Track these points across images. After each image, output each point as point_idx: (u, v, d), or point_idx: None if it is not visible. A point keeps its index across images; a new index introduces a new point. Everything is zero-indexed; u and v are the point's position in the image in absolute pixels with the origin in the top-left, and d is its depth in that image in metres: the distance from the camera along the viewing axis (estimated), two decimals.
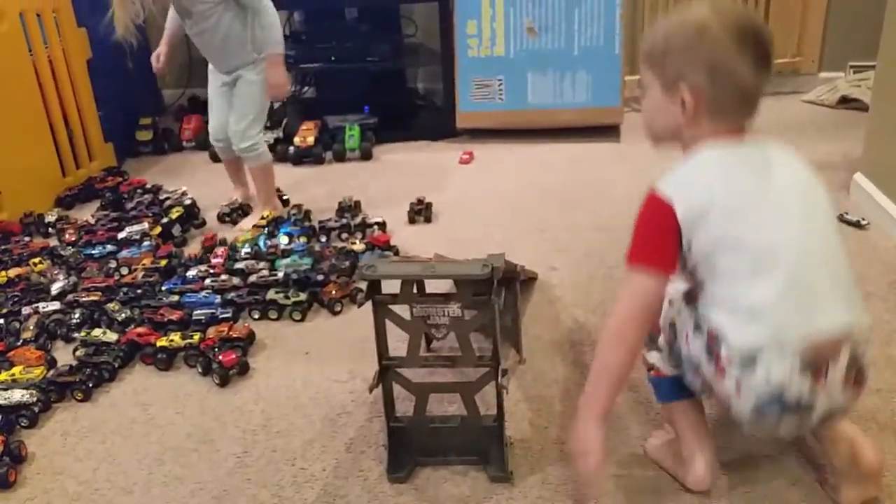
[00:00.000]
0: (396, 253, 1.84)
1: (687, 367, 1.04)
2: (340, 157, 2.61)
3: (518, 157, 2.52)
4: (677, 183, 1.00)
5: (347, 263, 1.76)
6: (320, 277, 1.70)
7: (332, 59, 2.74)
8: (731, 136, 1.00)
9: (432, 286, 1.20)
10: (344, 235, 1.97)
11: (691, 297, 1.02)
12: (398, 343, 1.15)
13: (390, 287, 1.11)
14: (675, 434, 1.13)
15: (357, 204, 2.14)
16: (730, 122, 1.01)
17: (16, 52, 2.17)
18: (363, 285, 1.67)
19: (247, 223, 2.09)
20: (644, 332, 1.02)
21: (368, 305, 1.11)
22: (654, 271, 0.98)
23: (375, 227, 1.98)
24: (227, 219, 2.14)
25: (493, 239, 1.91)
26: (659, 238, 0.99)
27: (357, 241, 1.89)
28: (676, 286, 1.05)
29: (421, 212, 2.07)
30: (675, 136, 1.05)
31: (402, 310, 1.11)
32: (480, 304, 1.08)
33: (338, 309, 1.63)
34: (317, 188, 2.35)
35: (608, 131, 2.61)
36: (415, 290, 1.12)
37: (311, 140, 2.60)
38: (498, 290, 1.07)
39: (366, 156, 2.61)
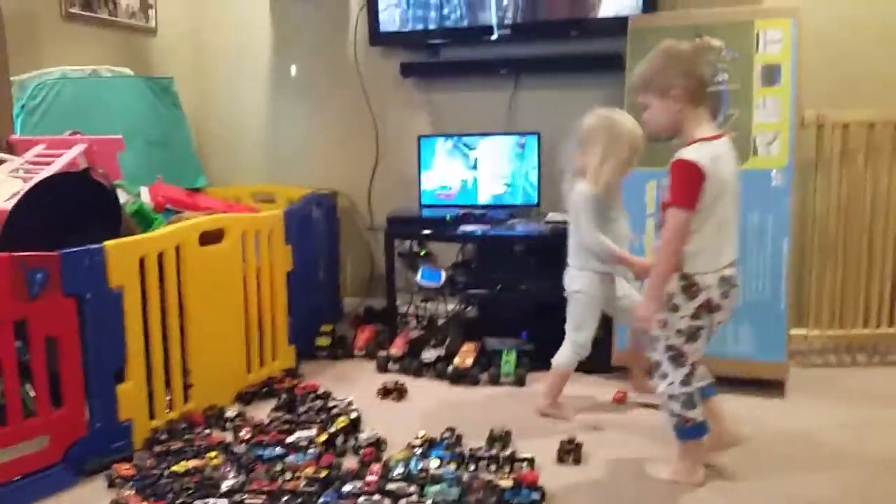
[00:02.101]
0: (544, 495, 1.84)
1: (692, 333, 1.84)
2: (495, 381, 2.70)
3: None
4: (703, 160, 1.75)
5: (494, 500, 1.78)
6: None
7: (498, 287, 2.94)
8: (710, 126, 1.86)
9: None
10: (492, 467, 2.01)
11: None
12: None
13: None
14: (689, 456, 1.92)
15: (507, 434, 2.19)
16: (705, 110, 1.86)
17: (231, 263, 2.53)
18: None
19: None
20: None
21: None
22: (691, 209, 1.76)
23: (525, 462, 2.00)
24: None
25: (644, 493, 1.87)
26: (696, 191, 1.75)
27: (505, 476, 1.92)
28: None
29: (570, 451, 2.08)
30: (675, 129, 1.85)
31: None
32: None
33: None
34: (470, 410, 2.44)
35: (772, 386, 2.53)
36: None
37: (469, 362, 2.73)
38: None
39: (520, 382, 2.69)
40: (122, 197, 2.54)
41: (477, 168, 3.21)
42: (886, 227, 2.77)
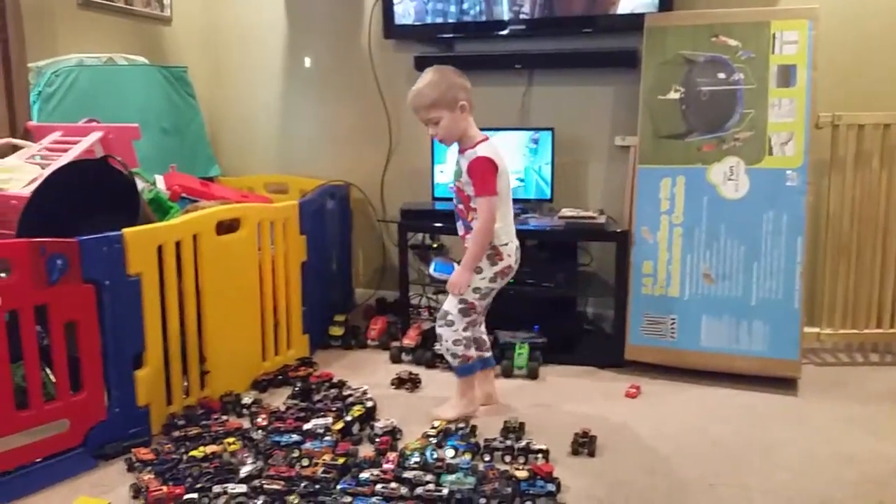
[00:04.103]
0: (559, 486, 1.85)
1: (486, 292, 2.29)
2: (508, 374, 2.72)
3: (687, 398, 2.50)
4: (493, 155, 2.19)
5: (509, 490, 1.79)
6: (482, 501, 1.74)
7: (511, 281, 2.94)
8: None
9: None
10: (507, 458, 2.03)
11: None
12: None
13: None
14: (468, 391, 2.33)
15: (521, 426, 2.21)
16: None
17: (247, 252, 2.54)
18: None
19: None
20: None
21: None
22: (495, 195, 2.18)
23: (539, 454, 2.02)
24: None
25: (657, 487, 1.89)
26: (495, 179, 2.18)
27: (520, 467, 1.93)
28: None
29: (585, 444, 2.09)
30: (461, 135, 2.23)
31: None
32: None
33: None
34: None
35: (785, 384, 2.55)
36: None
37: None
38: None
39: (532, 375, 2.70)
40: (139, 185, 2.55)
41: None
42: None
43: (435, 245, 3.30)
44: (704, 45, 2.72)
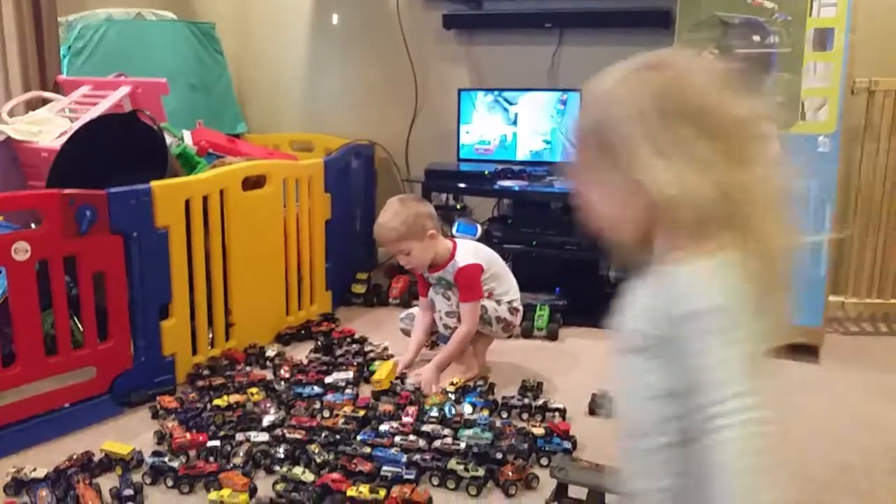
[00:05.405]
0: (575, 444, 1.87)
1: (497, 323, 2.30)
2: (527, 335, 2.73)
3: None
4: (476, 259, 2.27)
5: (525, 446, 1.82)
6: (499, 455, 1.77)
7: (533, 243, 2.94)
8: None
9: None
10: (525, 416, 2.05)
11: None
12: None
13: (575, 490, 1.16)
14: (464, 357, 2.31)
15: (539, 385, 2.23)
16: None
17: (273, 208, 2.56)
18: (539, 471, 1.74)
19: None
20: None
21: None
22: (481, 298, 2.25)
23: (556, 413, 2.04)
24: None
25: None
26: (481, 283, 2.25)
27: (537, 425, 1.95)
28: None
29: (603, 405, 2.11)
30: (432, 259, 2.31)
31: None
32: None
33: (512, 492, 1.68)
34: (502, 362, 2.47)
35: (807, 351, 2.52)
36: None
37: None
38: None
39: (552, 336, 2.71)
40: (167, 139, 2.57)
41: (517, 124, 3.20)
42: None
43: (459, 206, 3.30)
44: (740, 6, 2.65)
